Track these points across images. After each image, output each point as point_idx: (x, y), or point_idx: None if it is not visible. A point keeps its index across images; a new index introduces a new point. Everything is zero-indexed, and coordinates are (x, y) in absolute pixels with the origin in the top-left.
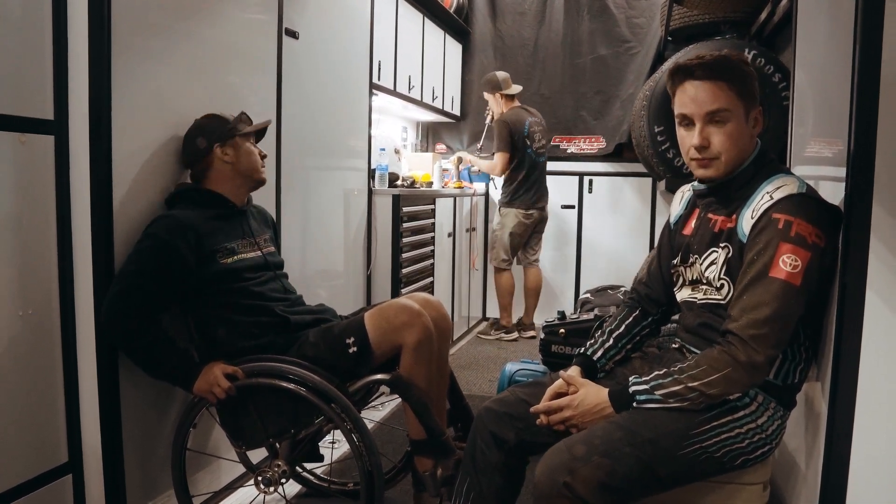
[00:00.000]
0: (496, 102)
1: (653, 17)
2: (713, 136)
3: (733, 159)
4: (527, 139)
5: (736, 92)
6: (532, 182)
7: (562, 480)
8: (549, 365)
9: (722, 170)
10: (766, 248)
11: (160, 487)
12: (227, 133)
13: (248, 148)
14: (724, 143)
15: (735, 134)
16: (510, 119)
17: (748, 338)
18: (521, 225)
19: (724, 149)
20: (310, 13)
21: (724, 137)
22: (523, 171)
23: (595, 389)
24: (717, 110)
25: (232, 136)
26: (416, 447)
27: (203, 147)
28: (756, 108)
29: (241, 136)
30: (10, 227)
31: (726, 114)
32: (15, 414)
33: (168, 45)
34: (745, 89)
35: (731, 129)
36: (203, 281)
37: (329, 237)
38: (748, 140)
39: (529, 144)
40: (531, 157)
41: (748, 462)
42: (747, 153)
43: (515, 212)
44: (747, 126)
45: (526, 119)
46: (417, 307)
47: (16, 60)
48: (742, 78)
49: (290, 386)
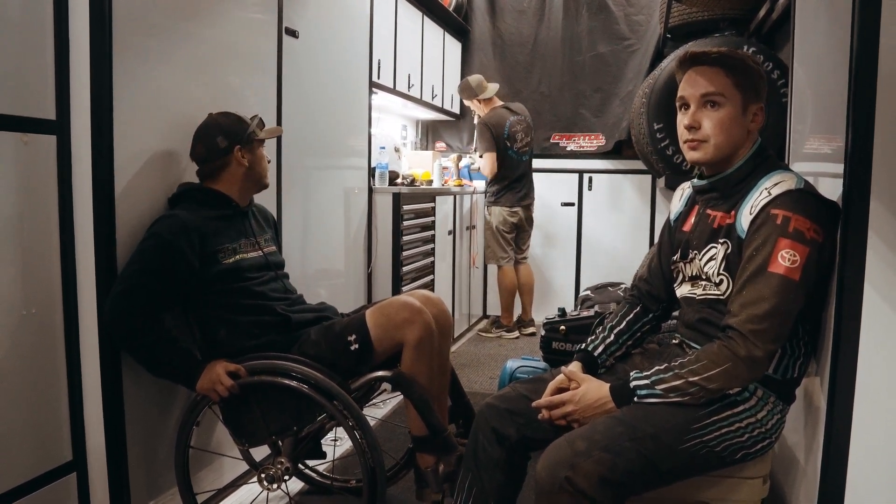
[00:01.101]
0: (476, 106)
1: (652, 14)
2: (705, 119)
3: (722, 145)
4: (507, 140)
5: (734, 81)
6: (515, 180)
7: (563, 475)
8: (550, 362)
9: (710, 154)
10: (765, 244)
11: (164, 485)
12: (248, 137)
13: (261, 154)
14: (714, 127)
15: (727, 121)
16: (490, 121)
17: (748, 333)
18: (505, 222)
19: (713, 133)
20: (310, 12)
21: (715, 122)
22: (504, 170)
23: (596, 384)
24: (712, 93)
25: (251, 140)
26: (417, 444)
27: (223, 147)
28: (757, 104)
29: (257, 141)
30: (13, 226)
31: (720, 98)
32: (19, 413)
33: (169, 45)
34: (746, 82)
35: (723, 116)
36: (205, 281)
37: (329, 236)
38: (741, 131)
39: (510, 145)
40: (512, 158)
41: (748, 456)
42: (738, 145)
43: (500, 209)
44: (743, 118)
45: (507, 120)
46: (418, 304)
47: (17, 60)
48: (744, 70)
49: (293, 383)
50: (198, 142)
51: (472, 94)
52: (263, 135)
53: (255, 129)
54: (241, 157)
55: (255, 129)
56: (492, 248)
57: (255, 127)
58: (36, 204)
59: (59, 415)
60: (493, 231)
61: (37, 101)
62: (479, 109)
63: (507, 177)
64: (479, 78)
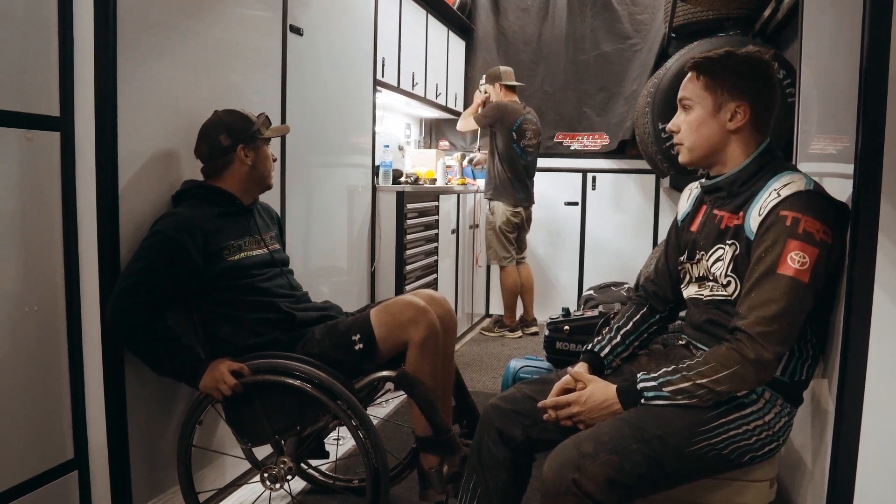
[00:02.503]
0: (495, 93)
1: (656, 13)
2: (681, 123)
3: (694, 146)
4: (514, 133)
5: (703, 84)
6: (516, 179)
7: (570, 477)
8: (554, 362)
9: (686, 155)
10: (774, 245)
11: (166, 484)
12: (251, 135)
13: (266, 152)
14: (685, 130)
15: (695, 123)
16: (505, 107)
17: (757, 335)
18: (508, 222)
19: (685, 135)
20: (314, 9)
21: (686, 125)
22: (506, 164)
23: (603, 386)
24: (683, 98)
25: (255, 139)
26: (422, 444)
27: (227, 144)
28: (735, 102)
29: (262, 139)
30: (16, 223)
31: (689, 101)
32: (21, 410)
33: (173, 43)
34: (718, 82)
35: (691, 118)
36: (209, 278)
37: (333, 234)
38: (714, 131)
39: (517, 139)
40: (516, 153)
41: (755, 459)
42: (717, 144)
43: (504, 209)
44: (715, 118)
45: (520, 114)
46: (423, 304)
47: (21, 57)
48: (715, 70)
49: (297, 383)
50: (201, 139)
51: (496, 79)
52: (269, 133)
53: (259, 127)
54: (244, 156)
55: (261, 127)
56: (494, 249)
57: (260, 125)
58: (39, 200)
59: (60, 412)
60: (495, 231)
61: (41, 97)
62: (495, 95)
63: (510, 173)
64: (509, 69)
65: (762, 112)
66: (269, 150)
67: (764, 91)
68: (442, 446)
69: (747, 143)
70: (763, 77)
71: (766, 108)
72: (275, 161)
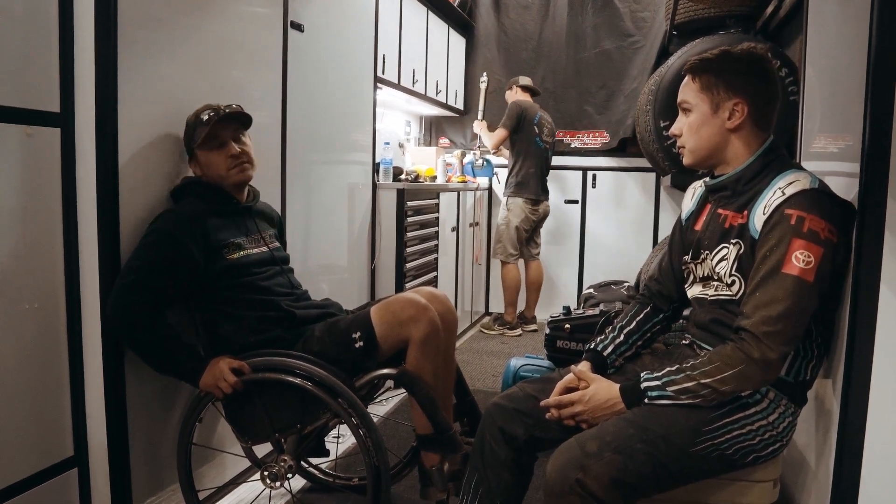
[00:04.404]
0: (513, 95)
1: (657, 11)
2: (683, 126)
3: (696, 148)
4: (535, 127)
5: (699, 86)
6: (538, 174)
7: (574, 477)
8: (555, 360)
9: (690, 159)
10: (779, 244)
11: (165, 481)
12: (190, 149)
13: (209, 159)
14: (686, 132)
15: (694, 124)
16: (523, 104)
17: (761, 334)
18: (527, 220)
19: (686, 138)
20: (315, 6)
21: (687, 128)
22: (531, 159)
23: (606, 385)
24: (681, 102)
25: (192, 153)
26: (422, 442)
27: (188, 155)
28: (732, 101)
29: (200, 149)
30: (16, 219)
31: (687, 104)
32: (21, 408)
33: (173, 39)
34: (714, 82)
35: (691, 120)
36: (210, 276)
37: (333, 231)
38: (714, 131)
39: (538, 133)
40: (539, 147)
41: (759, 459)
42: (718, 144)
43: (523, 205)
44: (714, 118)
45: (537, 111)
46: (424, 301)
47: (22, 53)
48: (711, 70)
49: (297, 381)
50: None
51: (513, 83)
52: (200, 138)
53: (192, 133)
54: (194, 166)
55: (194, 133)
56: (503, 244)
57: (193, 132)
58: (39, 197)
59: (60, 410)
60: (509, 228)
61: (41, 93)
62: (512, 96)
63: (532, 167)
64: (528, 78)
65: (761, 108)
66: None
67: (761, 86)
68: (443, 444)
69: (749, 141)
70: (759, 72)
71: (765, 103)
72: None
